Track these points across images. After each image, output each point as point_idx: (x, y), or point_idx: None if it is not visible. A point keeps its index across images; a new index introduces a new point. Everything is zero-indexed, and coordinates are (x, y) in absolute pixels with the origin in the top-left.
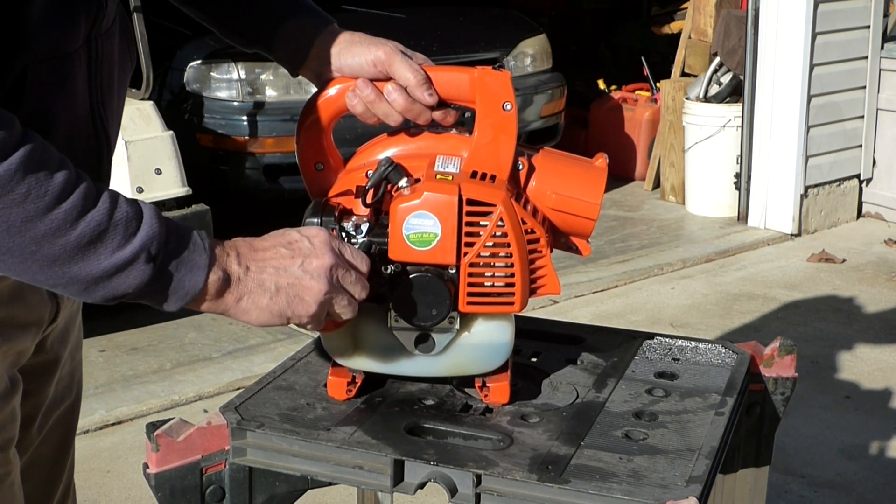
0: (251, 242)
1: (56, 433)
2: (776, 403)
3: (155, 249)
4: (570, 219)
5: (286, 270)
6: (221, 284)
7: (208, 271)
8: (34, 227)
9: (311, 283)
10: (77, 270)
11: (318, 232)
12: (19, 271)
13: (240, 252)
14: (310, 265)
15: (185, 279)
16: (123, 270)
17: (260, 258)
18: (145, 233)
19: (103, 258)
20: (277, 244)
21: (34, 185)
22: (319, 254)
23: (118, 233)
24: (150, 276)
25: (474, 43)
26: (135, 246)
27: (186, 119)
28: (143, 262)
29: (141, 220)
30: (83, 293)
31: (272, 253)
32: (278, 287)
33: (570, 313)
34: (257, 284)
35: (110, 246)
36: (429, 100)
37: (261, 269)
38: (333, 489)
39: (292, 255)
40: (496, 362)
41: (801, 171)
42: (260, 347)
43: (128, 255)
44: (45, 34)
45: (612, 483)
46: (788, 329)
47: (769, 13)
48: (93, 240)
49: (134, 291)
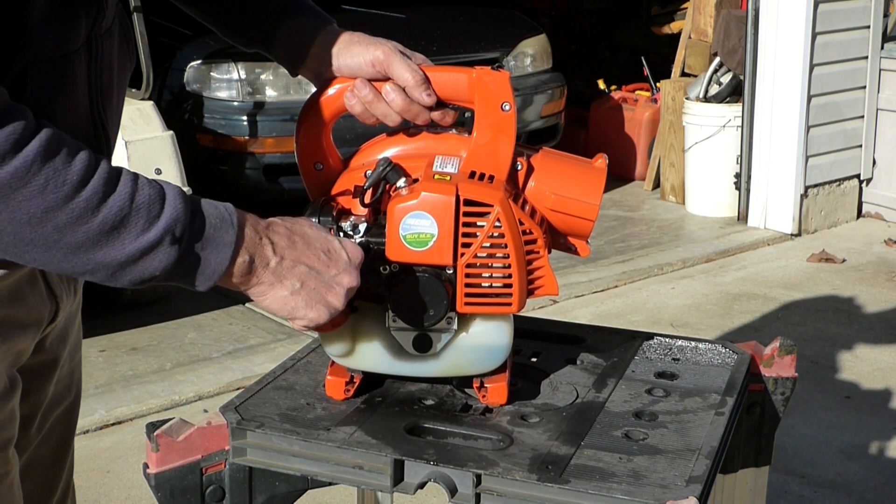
0: (291, 230)
1: (55, 433)
2: (776, 403)
3: (179, 231)
4: (568, 219)
5: (319, 275)
6: (247, 267)
7: (235, 250)
8: (55, 217)
9: (333, 296)
10: (102, 256)
11: (357, 251)
12: (44, 261)
13: (276, 241)
14: (341, 280)
15: (211, 258)
16: (149, 254)
17: (298, 253)
18: (169, 215)
19: (128, 243)
20: (318, 246)
21: (52, 175)
22: (352, 273)
23: (141, 216)
24: (177, 258)
25: (474, 43)
26: (159, 229)
27: (186, 119)
28: (167, 244)
29: (164, 202)
30: (110, 278)
31: (311, 252)
32: (304, 286)
33: (569, 313)
34: (284, 276)
35: (134, 230)
36: (427, 100)
37: (294, 263)
38: (333, 489)
39: (328, 263)
40: (494, 363)
41: (801, 171)
42: (260, 347)
43: (152, 239)
44: (45, 34)
45: (612, 483)
46: (788, 329)
47: (769, 13)
48: (115, 225)
49: (161, 274)
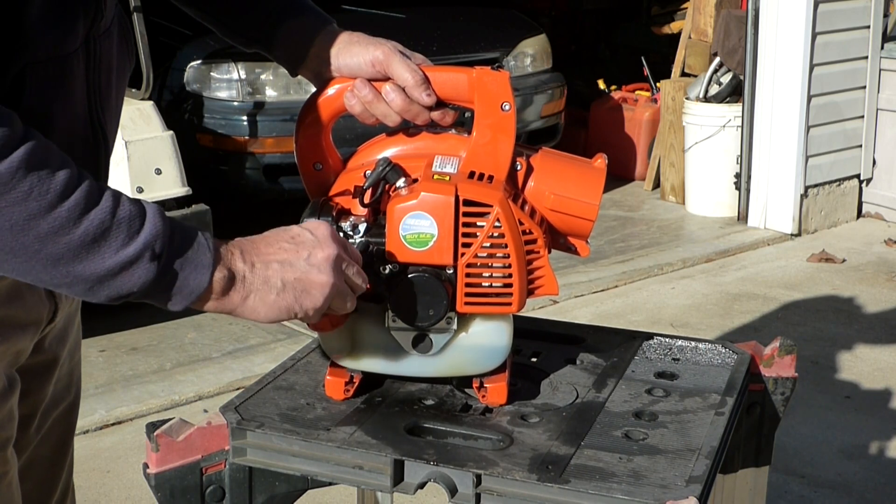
0: (253, 240)
1: (55, 433)
2: (776, 403)
3: (159, 248)
4: (568, 219)
5: (292, 265)
6: (226, 283)
7: (213, 270)
8: (37, 226)
9: (318, 275)
10: (81, 269)
11: (319, 224)
12: (23, 271)
13: (243, 249)
14: (315, 258)
15: (189, 278)
16: (128, 269)
17: (264, 254)
18: (149, 231)
19: (107, 256)
20: (280, 239)
21: (36, 184)
22: (324, 245)
23: (122, 231)
24: (155, 275)
25: (474, 43)
26: (139, 244)
27: (186, 119)
28: (147, 260)
29: (144, 219)
30: (88, 293)
31: (276, 248)
32: (285, 282)
33: (570, 313)
34: (263, 281)
35: (114, 244)
36: (427, 100)
37: (266, 265)
38: (333, 489)
39: (297, 249)
40: (494, 363)
41: (801, 171)
42: (260, 347)
43: (132, 254)
44: (43, 35)
45: (612, 483)
46: (788, 329)
47: (769, 13)
48: (96, 238)
49: (139, 290)
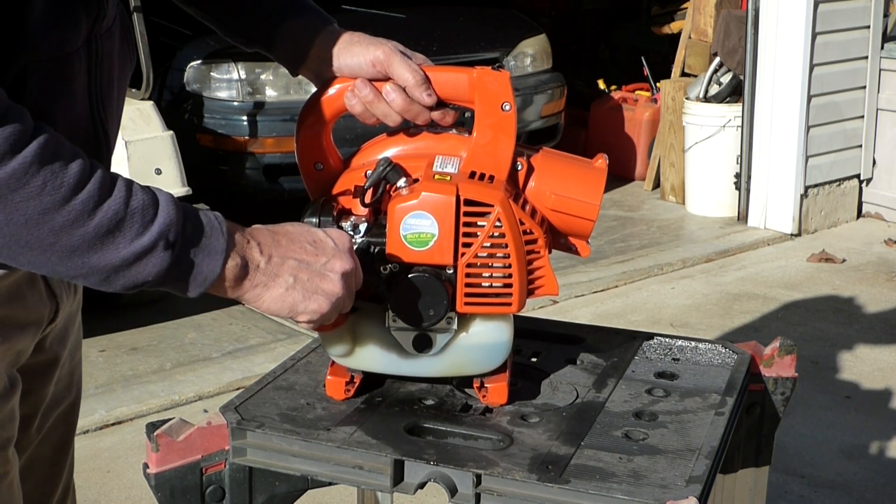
0: (275, 232)
1: (55, 433)
2: (776, 403)
3: (173, 236)
4: (568, 219)
5: (309, 266)
6: (239, 271)
7: (226, 256)
8: (52, 219)
9: (329, 283)
10: (97, 260)
11: (342, 235)
12: (39, 264)
13: (261, 241)
14: (332, 266)
15: (203, 264)
16: (143, 259)
17: (284, 249)
18: (163, 220)
19: (122, 247)
20: (303, 239)
21: (49, 177)
22: (343, 257)
23: (136, 221)
24: (170, 263)
25: (474, 43)
26: (153, 233)
27: (186, 119)
28: (161, 248)
29: (157, 207)
30: (104, 283)
31: (296, 246)
32: (297, 279)
33: (570, 313)
34: (276, 274)
35: (129, 234)
36: (427, 100)
37: (283, 259)
38: (333, 489)
39: (316, 253)
40: (494, 363)
41: (801, 171)
42: (260, 347)
43: (146, 243)
44: (45, 34)
45: (612, 483)
46: (788, 329)
47: (769, 13)
48: (111, 229)
49: (154, 279)
